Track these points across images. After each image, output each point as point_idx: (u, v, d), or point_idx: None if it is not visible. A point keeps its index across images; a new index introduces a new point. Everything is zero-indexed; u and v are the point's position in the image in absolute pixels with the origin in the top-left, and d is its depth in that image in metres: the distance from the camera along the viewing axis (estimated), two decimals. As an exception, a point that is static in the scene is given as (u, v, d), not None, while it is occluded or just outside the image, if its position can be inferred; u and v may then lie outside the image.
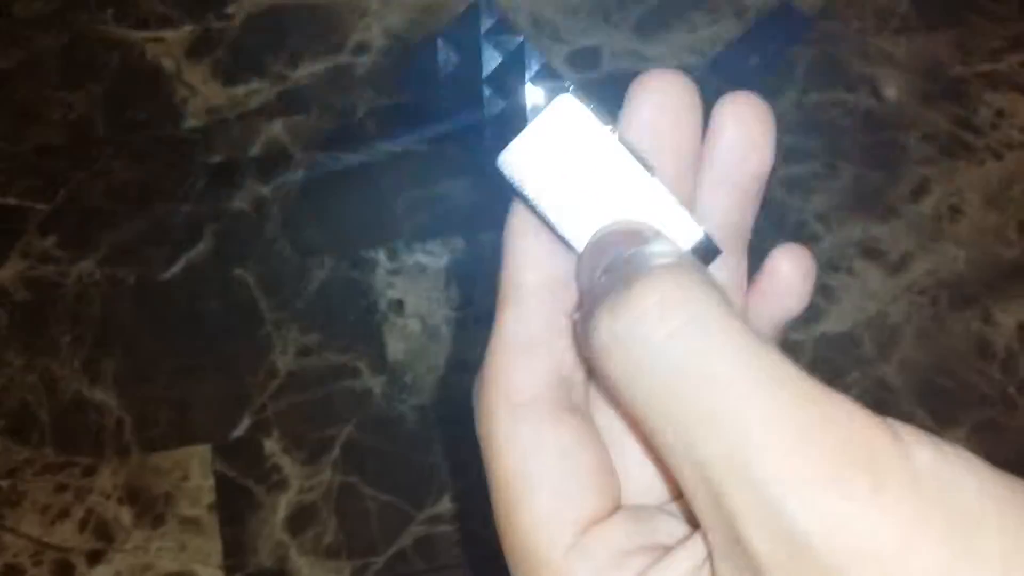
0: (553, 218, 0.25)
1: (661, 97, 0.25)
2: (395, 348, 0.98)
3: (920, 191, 1.08)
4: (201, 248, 1.02)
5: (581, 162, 0.24)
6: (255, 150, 1.07)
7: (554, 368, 0.25)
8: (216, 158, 1.07)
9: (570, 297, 0.26)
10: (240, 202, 1.05)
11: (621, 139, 0.25)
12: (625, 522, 0.24)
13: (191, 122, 1.09)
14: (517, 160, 0.25)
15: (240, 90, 1.11)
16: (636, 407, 0.21)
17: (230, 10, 1.16)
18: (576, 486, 0.24)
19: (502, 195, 0.26)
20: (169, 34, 1.14)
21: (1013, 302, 1.03)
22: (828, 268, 1.03)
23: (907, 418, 0.82)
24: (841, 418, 0.20)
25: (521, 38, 0.25)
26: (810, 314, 1.01)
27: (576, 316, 0.25)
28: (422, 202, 1.05)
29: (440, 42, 0.25)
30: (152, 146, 1.08)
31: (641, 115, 0.25)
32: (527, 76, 0.25)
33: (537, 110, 0.24)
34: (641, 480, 0.26)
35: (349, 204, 1.05)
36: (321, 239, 1.03)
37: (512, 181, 0.25)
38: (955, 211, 1.07)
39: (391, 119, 1.10)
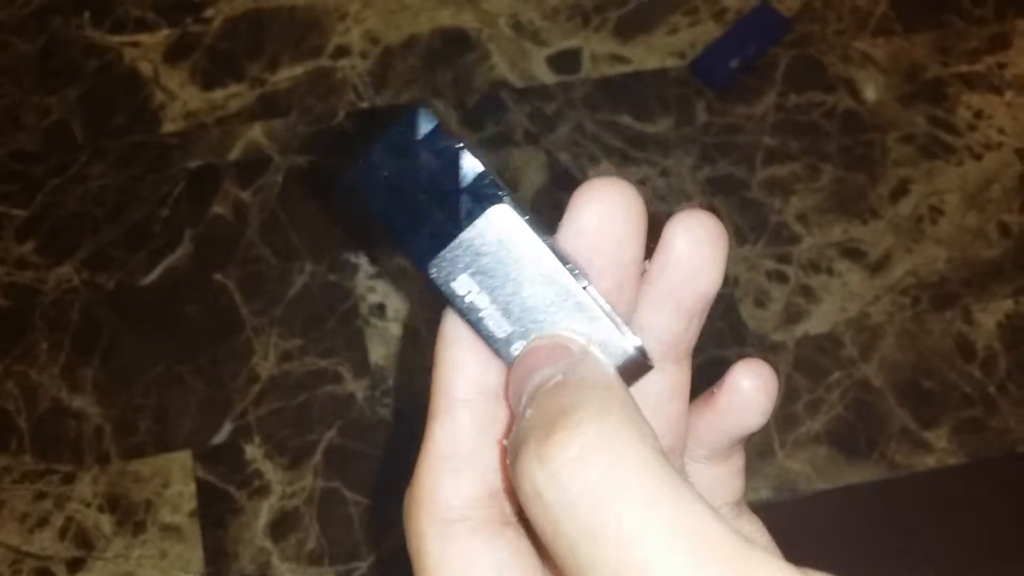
0: (484, 330, 0.25)
1: (602, 206, 0.24)
2: (376, 352, 0.97)
3: (900, 192, 1.08)
4: (180, 253, 1.02)
5: (513, 272, 0.24)
6: (234, 154, 1.07)
7: (485, 484, 0.24)
8: (195, 163, 1.06)
9: (502, 410, 0.25)
10: (219, 207, 1.04)
11: (555, 249, 0.24)
12: None
13: (169, 127, 1.08)
14: (448, 268, 0.24)
15: (219, 94, 1.10)
16: (556, 555, 0.21)
17: (208, 14, 1.15)
18: None
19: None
20: (146, 38, 1.14)
21: (993, 302, 1.03)
22: (809, 269, 1.03)
23: (888, 418, 0.82)
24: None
25: (460, 145, 0.24)
26: (792, 315, 1.01)
27: (505, 442, 0.24)
28: (403, 206, 1.05)
29: (377, 146, 0.25)
30: (130, 151, 1.07)
31: (581, 223, 0.24)
32: (462, 184, 0.24)
33: (471, 219, 0.24)
34: None
35: (329, 208, 1.05)
36: (301, 243, 1.02)
37: (443, 289, 0.25)
38: (935, 211, 1.07)
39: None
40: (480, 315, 0.25)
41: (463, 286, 0.24)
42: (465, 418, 0.25)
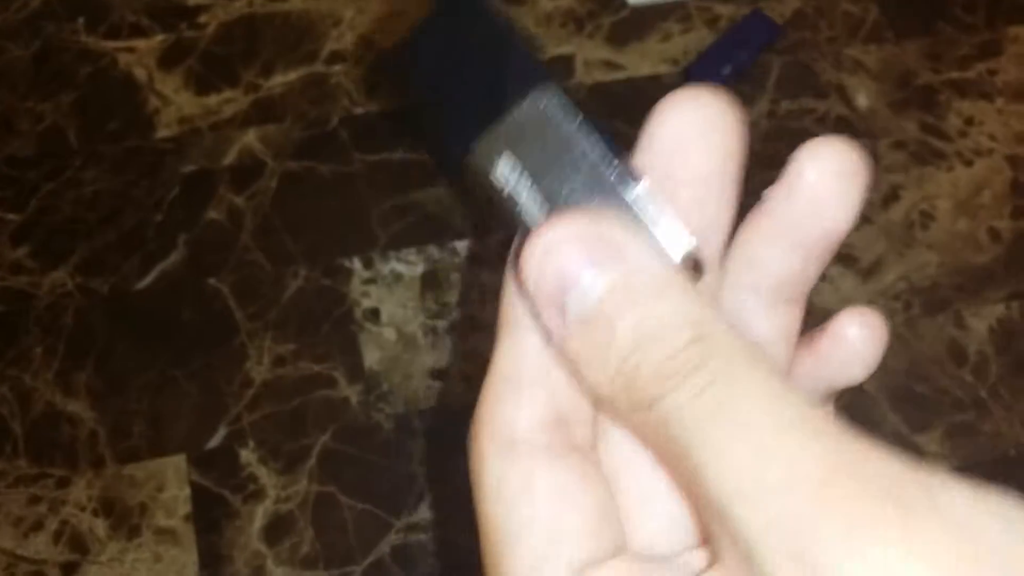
0: (520, 221, 0.23)
1: (687, 114, 0.22)
2: (371, 357, 0.98)
3: (892, 198, 1.09)
4: (175, 258, 1.02)
5: (556, 161, 0.22)
6: (228, 159, 1.07)
7: (552, 406, 0.23)
8: (189, 168, 1.06)
9: None
10: (214, 212, 1.04)
11: (605, 142, 0.22)
12: (627, 567, 0.22)
13: (163, 132, 1.08)
14: (488, 150, 0.23)
15: (213, 99, 1.11)
16: (672, 461, 0.20)
17: (202, 19, 1.15)
18: (571, 530, 0.22)
19: (476, 203, 0.25)
20: (141, 43, 1.14)
21: (985, 307, 1.04)
22: (802, 274, 1.04)
23: (881, 423, 0.82)
24: (875, 468, 0.18)
25: (508, 25, 0.23)
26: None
27: (562, 347, 0.22)
28: (397, 211, 1.05)
29: (424, 26, 0.24)
30: (124, 156, 1.07)
31: (663, 136, 0.23)
32: (510, 64, 0.23)
33: (518, 99, 0.23)
34: (650, 527, 0.24)
35: (323, 213, 1.05)
36: (295, 248, 1.03)
37: (481, 172, 0.23)
38: (926, 217, 1.08)
39: (365, 128, 1.10)
40: (518, 205, 0.23)
41: (503, 170, 0.23)
42: (529, 340, 0.23)
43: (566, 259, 0.21)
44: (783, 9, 1.19)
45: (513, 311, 0.24)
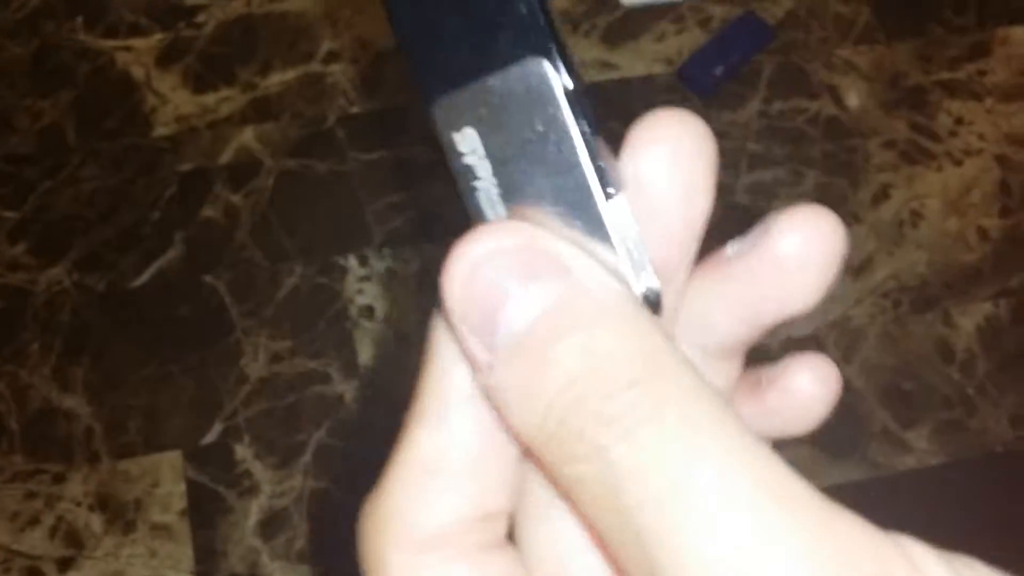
0: (473, 204, 0.20)
1: (670, 145, 0.20)
2: (366, 353, 0.98)
3: (882, 197, 1.10)
4: (171, 255, 1.03)
5: (530, 147, 0.19)
6: (225, 158, 1.08)
7: (479, 503, 0.19)
8: (186, 166, 1.07)
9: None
10: (210, 209, 1.05)
11: (589, 139, 0.19)
12: None
13: (161, 130, 1.09)
14: (456, 113, 0.19)
15: (210, 98, 1.11)
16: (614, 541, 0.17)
17: (200, 19, 1.16)
18: None
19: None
20: (139, 42, 1.15)
21: (972, 305, 1.05)
22: (793, 273, 1.05)
23: (870, 419, 0.83)
24: (845, 536, 0.16)
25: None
26: (775, 318, 1.02)
27: (487, 382, 0.18)
28: (392, 209, 1.06)
29: None
30: (122, 154, 1.08)
31: (637, 163, 0.20)
32: (508, 17, 0.19)
33: (504, 64, 0.19)
34: None
35: (319, 211, 1.06)
36: (291, 246, 1.03)
37: (442, 136, 0.19)
38: (916, 216, 1.09)
39: (361, 127, 1.10)
40: (474, 184, 0.19)
41: (467, 141, 0.19)
42: (464, 425, 0.19)
43: (497, 274, 0.18)
44: (775, 10, 1.20)
45: (440, 389, 0.20)
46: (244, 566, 0.90)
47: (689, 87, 1.14)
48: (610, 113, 1.18)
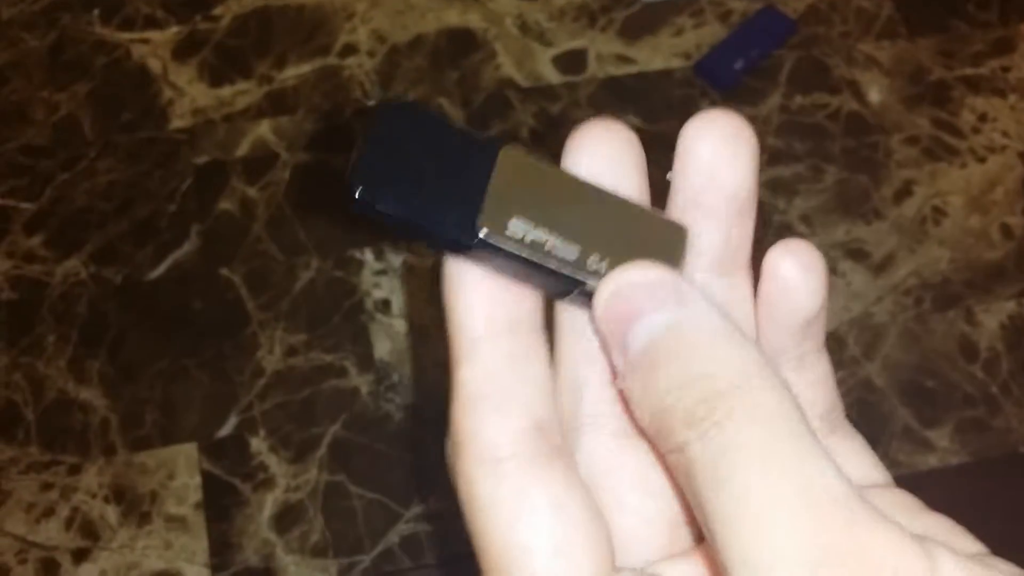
0: (555, 260, 0.24)
1: (599, 148, 0.25)
2: (381, 347, 0.98)
3: (904, 193, 1.09)
4: (187, 248, 1.02)
5: (550, 199, 0.24)
6: (241, 151, 1.07)
7: (528, 417, 0.24)
8: (202, 158, 1.07)
9: (532, 336, 0.24)
10: (226, 202, 1.05)
11: (568, 169, 0.24)
12: None
13: (177, 123, 1.09)
14: (493, 222, 0.23)
15: (227, 91, 1.11)
16: (698, 503, 0.21)
17: (217, 11, 1.16)
18: (574, 543, 0.23)
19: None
20: (156, 35, 1.14)
21: (995, 303, 1.03)
22: (813, 269, 1.04)
23: (891, 417, 0.82)
24: (868, 543, 0.19)
25: (439, 116, 0.24)
26: (795, 314, 1.01)
27: (621, 385, 0.24)
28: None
29: (366, 151, 0.23)
30: (138, 147, 1.07)
31: (580, 163, 0.25)
32: (462, 148, 0.24)
33: (487, 171, 0.24)
34: (627, 531, 0.25)
35: (335, 205, 1.05)
36: (307, 239, 1.03)
37: (498, 243, 0.23)
38: (938, 213, 1.08)
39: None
40: (545, 247, 0.24)
41: (516, 230, 0.23)
42: (492, 355, 0.24)
43: (632, 301, 0.23)
44: (796, 4, 1.19)
45: (468, 332, 0.24)
46: (259, 559, 0.89)
47: (708, 81, 1.13)
48: (628, 108, 1.18)
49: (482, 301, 0.24)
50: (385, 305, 1.00)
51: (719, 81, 1.13)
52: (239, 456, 0.93)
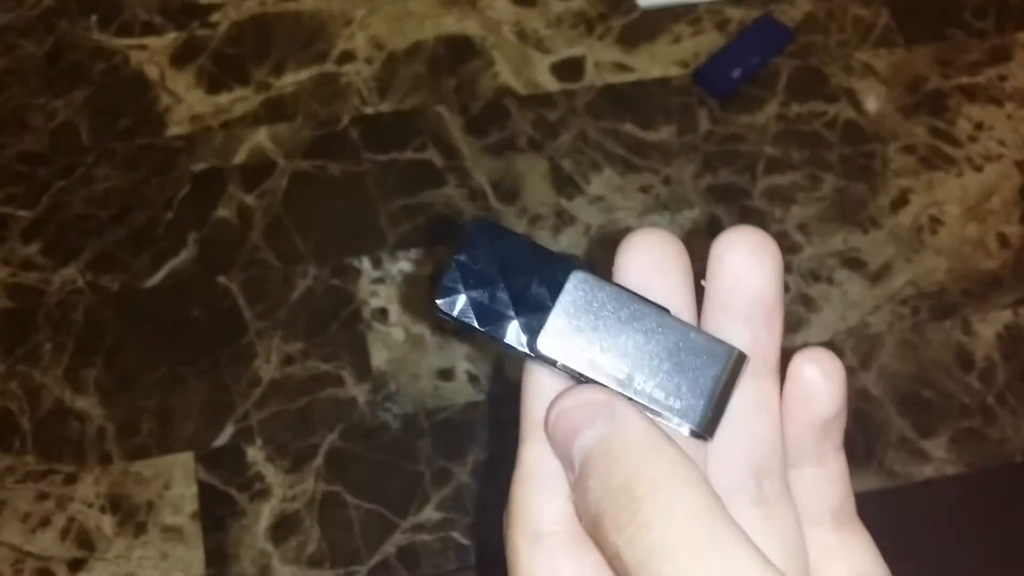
0: (606, 377, 0.26)
1: (649, 254, 0.27)
2: (379, 356, 0.98)
3: (900, 202, 1.09)
4: (184, 256, 1.02)
5: (610, 321, 0.26)
6: (239, 158, 1.07)
7: (571, 501, 0.26)
8: (200, 166, 1.07)
9: None
10: (224, 210, 1.05)
11: (630, 291, 0.27)
12: None
13: (174, 130, 1.09)
14: (556, 339, 0.26)
15: (224, 98, 1.11)
16: None
17: (214, 18, 1.16)
18: None
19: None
20: (153, 42, 1.14)
21: (992, 312, 1.04)
22: (809, 278, 1.04)
23: (887, 427, 0.82)
24: None
25: (521, 236, 0.27)
26: (792, 324, 1.01)
27: (573, 500, 0.26)
28: (406, 211, 1.05)
29: (453, 268, 0.27)
30: (135, 154, 1.07)
31: (629, 272, 0.27)
32: (537, 268, 0.27)
33: (557, 291, 0.27)
34: None
35: (333, 212, 1.05)
36: (305, 247, 1.03)
37: (558, 359, 0.26)
38: (935, 222, 1.08)
39: (376, 128, 1.10)
40: (597, 364, 0.26)
41: (572, 347, 0.26)
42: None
43: (572, 420, 0.26)
44: (794, 12, 1.19)
45: (535, 415, 0.27)
46: (255, 570, 0.89)
47: (705, 89, 1.13)
48: (626, 116, 1.18)
49: (548, 392, 0.27)
50: (383, 314, 1.00)
51: (717, 89, 1.13)
52: (236, 466, 0.93)
